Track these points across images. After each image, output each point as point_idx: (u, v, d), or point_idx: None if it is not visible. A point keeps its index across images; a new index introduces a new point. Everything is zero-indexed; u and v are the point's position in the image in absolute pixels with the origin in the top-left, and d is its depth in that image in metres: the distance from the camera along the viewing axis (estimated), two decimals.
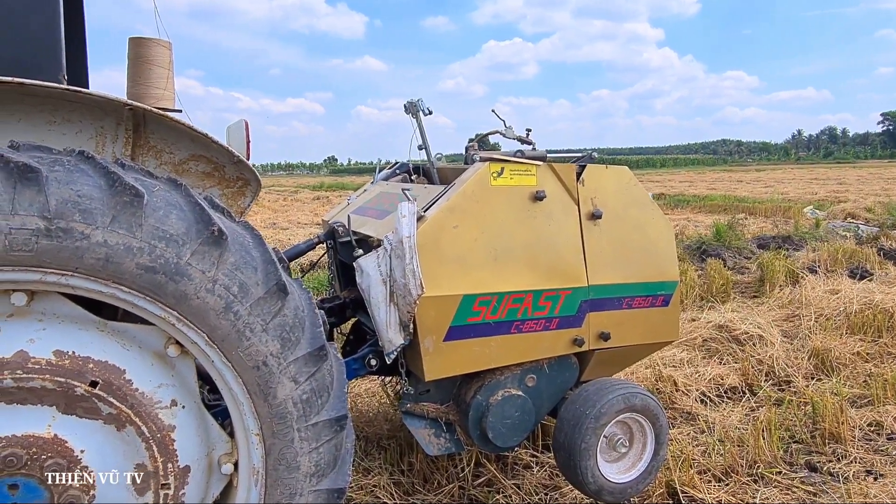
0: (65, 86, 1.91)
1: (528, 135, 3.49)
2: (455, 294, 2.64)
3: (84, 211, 1.67)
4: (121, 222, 1.71)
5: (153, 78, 3.29)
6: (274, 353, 1.94)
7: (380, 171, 3.75)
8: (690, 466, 3.31)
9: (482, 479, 3.29)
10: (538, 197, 2.82)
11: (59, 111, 2.08)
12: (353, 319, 3.44)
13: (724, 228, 10.77)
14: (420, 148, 3.42)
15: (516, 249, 2.78)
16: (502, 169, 2.78)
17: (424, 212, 2.68)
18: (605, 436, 2.81)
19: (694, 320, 5.69)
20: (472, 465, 3.32)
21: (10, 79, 1.81)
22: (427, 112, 3.34)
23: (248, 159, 2.27)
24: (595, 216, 2.95)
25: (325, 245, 3.21)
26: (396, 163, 3.84)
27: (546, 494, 3.22)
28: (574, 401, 2.86)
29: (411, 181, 3.69)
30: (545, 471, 3.42)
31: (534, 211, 2.83)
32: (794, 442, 3.73)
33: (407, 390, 2.86)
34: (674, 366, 4.76)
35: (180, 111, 3.57)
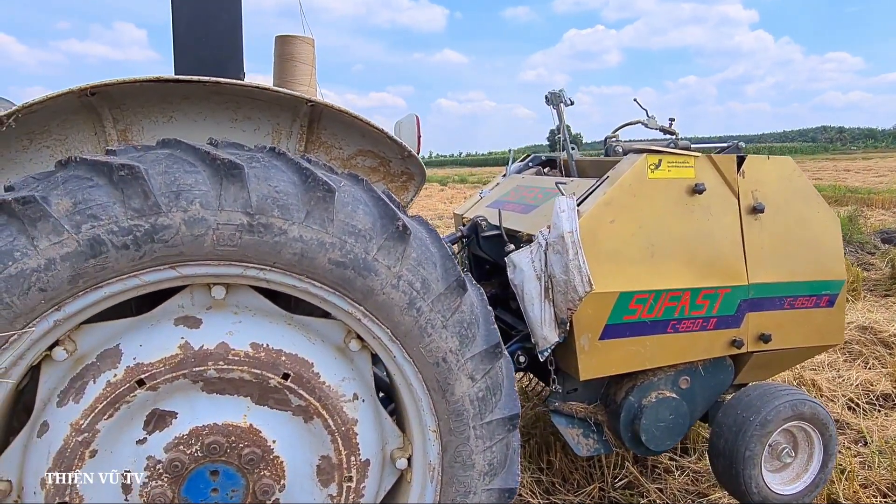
0: (255, 83, 1.95)
1: (671, 124, 3.34)
2: (612, 291, 2.55)
3: (282, 206, 1.70)
4: (314, 217, 1.73)
5: (298, 74, 3.36)
6: (453, 350, 1.92)
7: (512, 164, 3.69)
8: (853, 479, 3.08)
9: (622, 481, 3.19)
10: (697, 190, 2.67)
11: (241, 108, 2.14)
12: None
13: (845, 221, 10.05)
14: (559, 139, 3.33)
15: (674, 245, 2.65)
16: (660, 161, 2.65)
17: (578, 206, 2.60)
18: (769, 444, 2.65)
19: None
20: (612, 466, 3.22)
21: (209, 78, 1.87)
22: (569, 102, 3.24)
23: (418, 153, 2.27)
24: (756, 210, 2.77)
25: (466, 242, 3.19)
26: (528, 155, 3.77)
27: (692, 501, 3.07)
28: (735, 405, 2.71)
29: (544, 174, 3.62)
30: (687, 476, 3.28)
31: (692, 205, 2.69)
32: None
33: (556, 389, 2.79)
34: (813, 369, 4.46)
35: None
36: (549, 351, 2.58)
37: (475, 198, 3.65)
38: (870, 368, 4.48)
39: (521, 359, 2.74)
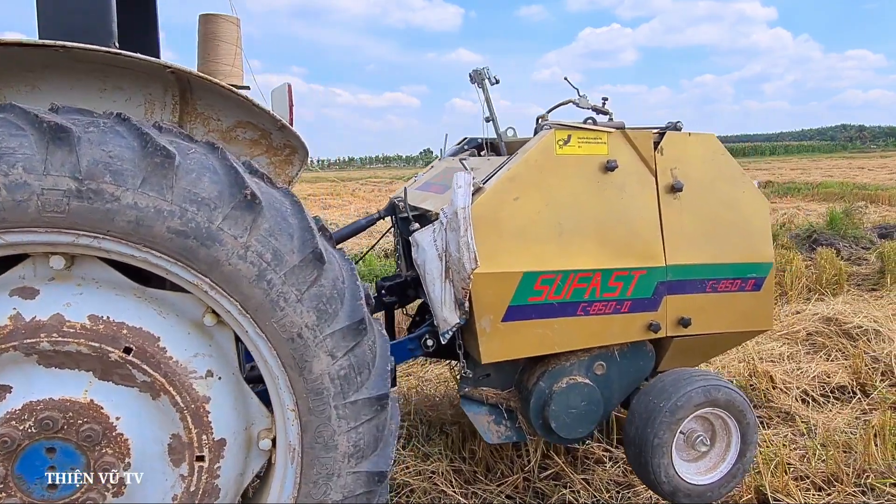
0: (106, 49, 1.88)
1: (604, 104, 3.22)
2: (515, 271, 2.45)
3: (115, 172, 1.63)
4: (151, 184, 1.66)
5: (221, 54, 3.30)
6: (309, 325, 1.84)
7: (447, 147, 3.60)
8: (786, 472, 2.95)
9: (549, 471, 3.09)
10: (609, 167, 2.57)
11: (109, 78, 2.07)
12: (421, 301, 3.32)
13: (839, 216, 9.83)
14: (487, 120, 3.24)
15: (584, 224, 2.55)
16: (569, 136, 2.55)
17: (484, 183, 2.51)
18: (682, 432, 2.54)
19: (798, 312, 5.17)
20: (538, 456, 3.12)
21: (54, 42, 1.80)
22: (494, 81, 3.14)
23: (291, 124, 2.19)
24: (675, 189, 2.66)
25: (392, 224, 3.12)
26: (465, 138, 3.68)
27: (618, 493, 2.97)
28: (648, 392, 2.60)
29: (480, 156, 3.52)
30: (619, 467, 3.17)
31: (604, 182, 2.59)
32: None
33: (465, 374, 2.70)
34: (772, 360, 4.32)
35: (248, 88, 3.59)
36: (450, 333, 2.50)
37: (412, 181, 3.57)
38: (831, 360, 4.33)
39: (429, 342, 2.65)
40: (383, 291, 3.11)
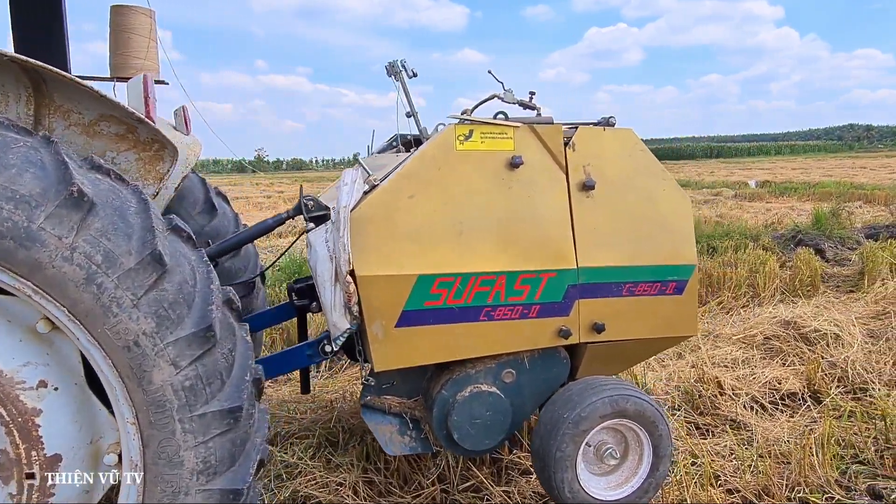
0: None
1: (531, 98, 3.07)
2: (409, 273, 2.31)
3: None
4: None
5: (133, 46, 3.18)
6: (148, 333, 1.71)
7: (373, 144, 3.47)
8: (713, 484, 2.80)
9: (469, 483, 2.95)
10: (514, 163, 2.43)
11: None
12: None
13: (824, 216, 9.63)
14: (409, 115, 3.10)
15: (487, 224, 2.41)
16: (471, 131, 2.41)
17: (382, 180, 2.38)
18: (588, 444, 2.39)
19: (759, 315, 5.00)
20: (459, 467, 2.98)
21: None
22: (412, 74, 3.01)
23: (148, 117, 2.06)
24: (587, 186, 2.52)
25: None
26: (395, 135, 3.54)
27: None
28: (554, 401, 2.46)
29: (409, 153, 3.38)
30: None
31: (510, 180, 2.44)
32: (856, 463, 3.10)
33: (367, 381, 2.57)
34: (725, 365, 4.17)
35: (166, 83, 3.47)
36: (342, 340, 2.36)
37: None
38: (787, 366, 4.17)
39: (328, 348, 2.51)
40: (294, 294, 2.97)
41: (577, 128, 2.57)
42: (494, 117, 2.58)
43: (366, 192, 2.35)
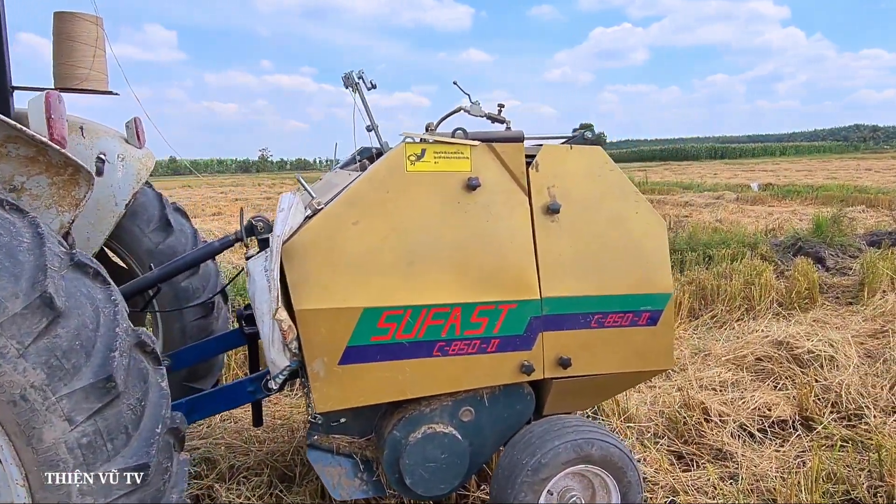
0: None
1: (500, 111, 2.88)
2: (353, 306, 2.12)
3: None
4: None
5: (77, 56, 3.00)
6: (37, 385, 1.52)
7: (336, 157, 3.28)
8: None
9: None
10: (471, 185, 2.24)
11: None
12: None
13: (825, 222, 9.39)
14: (369, 129, 2.91)
15: (441, 252, 2.22)
16: (423, 151, 2.22)
17: (324, 205, 2.19)
18: (550, 492, 2.20)
19: (752, 333, 4.79)
20: None
21: None
22: (370, 85, 2.82)
23: (53, 139, 1.88)
24: (552, 210, 2.32)
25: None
26: (360, 148, 3.35)
27: None
28: (514, 444, 2.27)
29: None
30: None
31: (466, 204, 2.25)
32: (847, 501, 2.89)
33: (314, 419, 2.38)
34: (713, 389, 3.96)
35: (116, 94, 3.28)
36: (282, 378, 2.18)
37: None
38: (779, 389, 3.96)
39: (271, 384, 2.32)
40: (243, 321, 2.79)
41: (540, 146, 2.38)
42: (452, 134, 2.39)
43: (307, 217, 2.17)
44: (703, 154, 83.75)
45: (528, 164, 2.34)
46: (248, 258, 2.34)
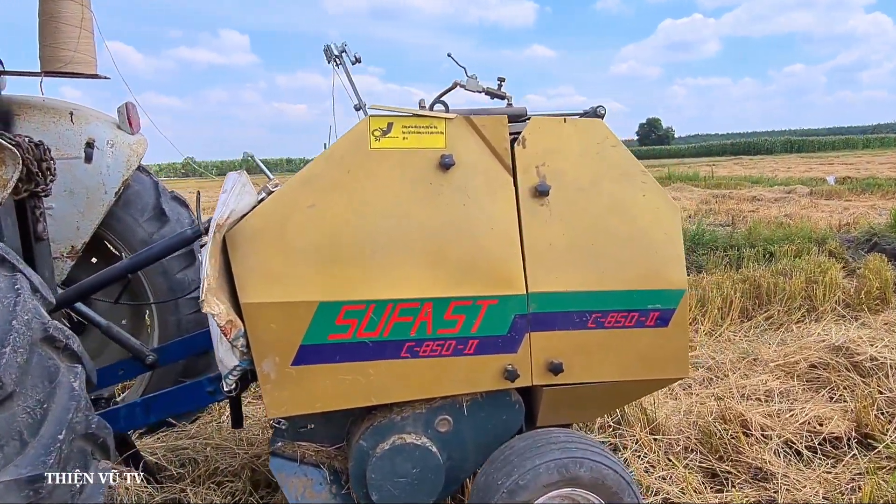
0: None
1: (500, 86, 2.58)
2: (307, 300, 1.89)
3: None
4: None
5: (61, 38, 2.89)
6: None
7: None
8: None
9: None
10: (444, 164, 1.96)
11: None
12: None
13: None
14: (357, 108, 2.67)
15: (409, 239, 1.95)
16: (389, 125, 1.96)
17: (278, 186, 1.97)
18: None
19: (808, 336, 4.29)
20: None
21: None
22: (355, 59, 2.57)
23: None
24: (541, 192, 2.02)
25: None
26: None
27: None
28: (492, 461, 1.98)
29: None
30: None
31: (439, 185, 1.98)
32: None
33: (278, 423, 2.16)
34: (757, 398, 3.53)
35: (106, 77, 3.17)
36: (232, 379, 1.96)
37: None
38: (834, 401, 3.49)
39: (222, 385, 2.11)
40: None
41: (528, 119, 2.08)
42: (431, 107, 2.12)
43: (260, 201, 1.95)
44: (778, 147, 79.73)
45: (513, 140, 2.04)
46: (201, 247, 2.14)
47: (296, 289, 1.89)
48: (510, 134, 2.07)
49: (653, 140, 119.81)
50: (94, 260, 3.54)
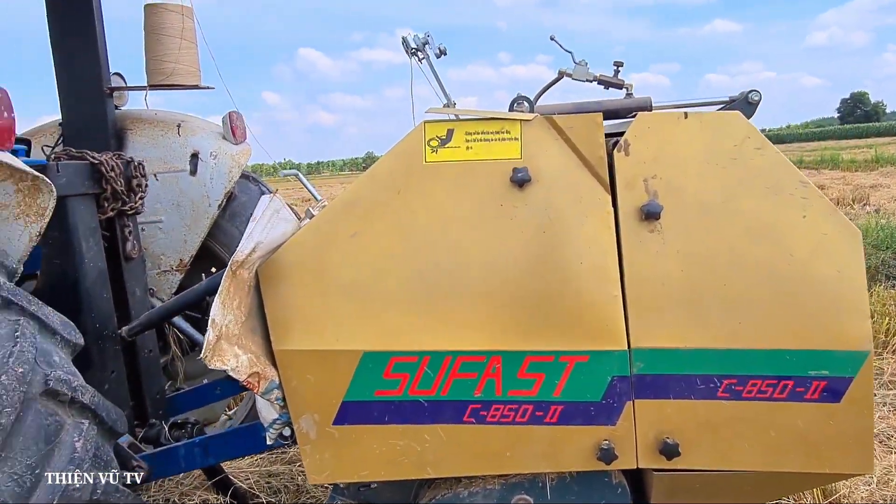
0: None
1: (616, 73, 2.08)
2: (349, 349, 1.57)
3: None
4: None
5: (162, 49, 2.86)
6: None
7: None
8: None
9: None
10: (518, 180, 1.53)
11: None
12: None
13: None
14: (446, 106, 2.30)
15: (472, 277, 1.55)
16: (449, 133, 1.57)
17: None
18: None
19: None
20: None
21: None
22: (439, 52, 2.20)
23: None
24: (649, 214, 1.51)
25: None
26: None
27: None
28: None
29: None
30: None
31: (512, 206, 1.55)
32: None
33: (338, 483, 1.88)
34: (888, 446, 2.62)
35: (210, 87, 3.10)
36: (274, 435, 1.71)
37: None
38: None
39: (287, 431, 1.86)
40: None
41: (634, 116, 1.56)
42: (511, 106, 1.69)
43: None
44: None
45: (613, 145, 1.55)
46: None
47: (336, 335, 1.58)
48: (612, 136, 1.59)
49: (858, 117, 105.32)
50: (213, 270, 3.56)
